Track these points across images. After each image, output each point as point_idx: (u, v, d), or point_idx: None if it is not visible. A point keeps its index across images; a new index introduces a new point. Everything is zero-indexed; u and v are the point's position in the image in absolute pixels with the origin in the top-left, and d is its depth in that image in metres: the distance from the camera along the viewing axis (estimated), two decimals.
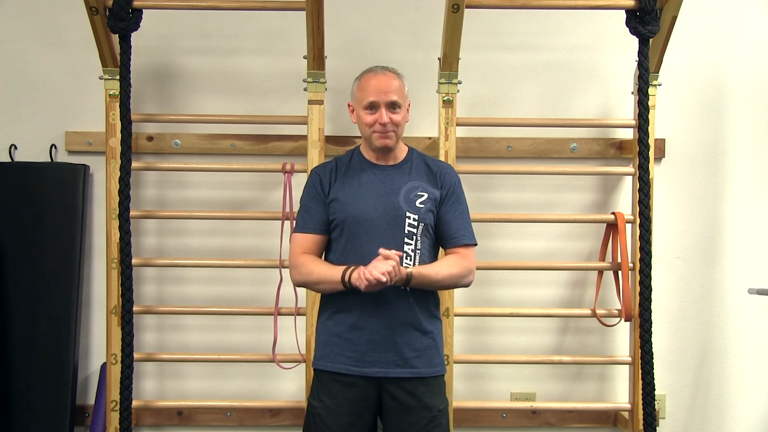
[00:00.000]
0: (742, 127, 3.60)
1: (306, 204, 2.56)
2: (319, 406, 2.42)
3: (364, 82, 2.53)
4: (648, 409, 3.20)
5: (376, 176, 2.53)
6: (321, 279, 2.41)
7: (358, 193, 2.49)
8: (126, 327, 3.17)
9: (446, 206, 2.52)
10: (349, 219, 2.46)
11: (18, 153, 3.52)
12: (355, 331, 2.40)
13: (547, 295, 3.57)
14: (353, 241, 2.45)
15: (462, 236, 2.50)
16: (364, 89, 2.51)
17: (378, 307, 2.40)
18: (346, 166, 2.57)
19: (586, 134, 3.54)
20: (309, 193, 2.57)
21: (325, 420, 2.39)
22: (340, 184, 2.53)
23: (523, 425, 3.53)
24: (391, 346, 2.39)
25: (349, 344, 2.39)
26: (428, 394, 2.43)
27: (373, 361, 2.38)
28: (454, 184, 2.58)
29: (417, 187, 2.51)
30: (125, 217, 3.16)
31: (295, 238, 2.55)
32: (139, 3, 3.09)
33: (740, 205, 3.60)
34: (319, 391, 2.45)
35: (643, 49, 3.17)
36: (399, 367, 2.38)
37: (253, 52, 3.56)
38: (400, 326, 2.41)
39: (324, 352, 2.46)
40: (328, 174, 2.56)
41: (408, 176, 2.53)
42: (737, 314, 3.60)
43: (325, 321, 2.51)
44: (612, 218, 3.38)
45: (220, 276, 3.52)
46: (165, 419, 3.50)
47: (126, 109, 3.15)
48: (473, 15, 3.17)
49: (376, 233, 2.42)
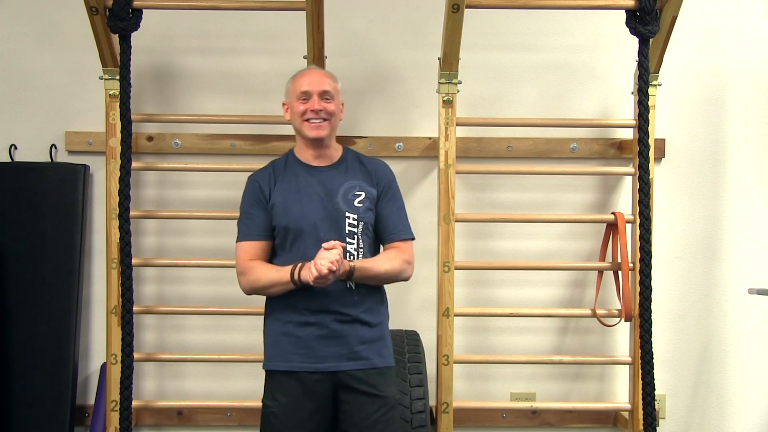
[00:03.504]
0: (742, 127, 3.60)
1: (248, 211, 2.55)
2: (274, 405, 2.42)
3: (298, 77, 2.56)
4: (648, 409, 3.19)
5: (314, 177, 2.53)
6: (270, 282, 2.43)
7: (297, 197, 2.50)
8: (126, 327, 3.17)
9: (383, 203, 2.55)
10: (291, 224, 2.47)
11: (18, 153, 3.52)
12: (304, 327, 2.42)
13: (547, 295, 3.57)
14: (297, 246, 2.47)
15: (400, 231, 2.54)
16: (296, 82, 2.54)
17: (325, 302, 2.43)
18: (282, 170, 2.57)
19: (586, 134, 3.54)
20: (249, 201, 2.56)
21: (280, 418, 2.40)
22: (278, 189, 2.53)
23: (523, 425, 3.53)
24: (341, 340, 2.42)
25: (300, 341, 2.41)
26: (383, 385, 2.46)
27: (325, 356, 2.40)
28: (390, 180, 2.60)
29: (354, 186, 2.52)
30: (125, 217, 3.16)
31: (240, 246, 2.54)
32: (139, 3, 3.09)
33: (740, 205, 3.60)
34: (273, 390, 2.46)
35: (643, 49, 3.17)
36: (351, 360, 2.42)
37: (253, 52, 3.56)
38: (347, 320, 2.44)
39: (275, 352, 2.47)
40: (267, 179, 2.55)
41: (345, 176, 2.55)
42: (737, 314, 3.60)
43: (273, 322, 2.51)
44: (612, 218, 3.38)
45: (220, 276, 3.52)
46: (165, 419, 3.50)
47: (126, 109, 3.15)
48: (473, 15, 3.17)
49: (321, 236, 2.44)
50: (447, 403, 3.26)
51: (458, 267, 3.32)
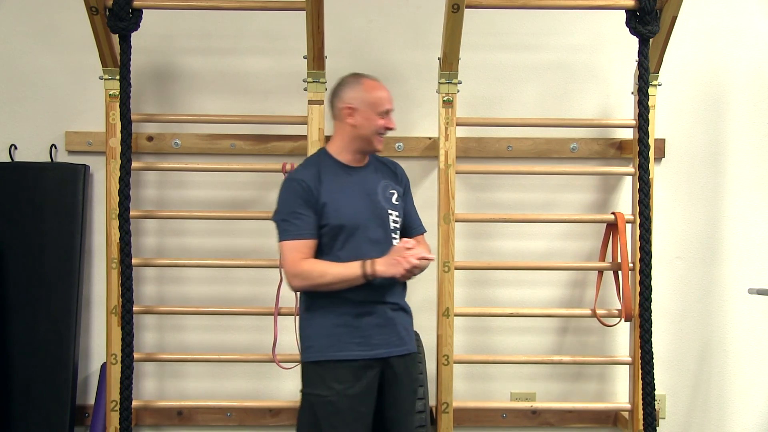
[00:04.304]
0: (742, 127, 3.60)
1: (296, 211, 2.57)
2: (330, 393, 2.51)
3: (377, 91, 2.66)
4: (648, 409, 3.19)
5: (351, 177, 2.64)
6: (338, 278, 2.50)
7: (345, 196, 2.59)
8: (126, 327, 3.17)
9: (406, 200, 2.76)
10: (346, 222, 2.55)
11: (18, 153, 3.52)
12: (363, 317, 2.53)
13: (547, 295, 3.57)
14: (350, 244, 2.56)
15: (419, 225, 2.79)
16: (377, 96, 2.65)
17: (381, 293, 2.57)
18: (324, 169, 2.63)
19: (586, 134, 3.54)
20: (297, 200, 2.58)
21: (338, 405, 2.50)
22: (325, 189, 2.59)
23: (523, 425, 3.53)
24: (392, 327, 2.58)
25: (357, 330, 2.52)
26: (414, 368, 2.70)
27: (379, 343, 2.54)
28: (407, 179, 2.82)
29: (388, 185, 2.69)
30: (125, 217, 3.16)
31: (290, 246, 2.56)
32: (139, 3, 3.09)
33: (740, 205, 3.60)
34: (325, 380, 2.53)
35: (643, 49, 3.17)
36: (398, 346, 2.58)
37: (253, 52, 3.56)
38: (396, 308, 2.61)
39: (330, 342, 2.54)
40: (314, 179, 2.60)
41: (376, 176, 2.69)
42: (737, 314, 3.60)
43: (324, 315, 2.56)
44: (612, 218, 3.38)
45: (220, 276, 3.52)
46: (165, 419, 3.50)
47: (126, 109, 3.15)
48: (473, 15, 3.17)
49: (370, 233, 2.57)
50: (447, 403, 3.27)
51: (458, 267, 3.33)
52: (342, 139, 2.66)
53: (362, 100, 2.63)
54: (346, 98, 2.64)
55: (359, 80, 2.66)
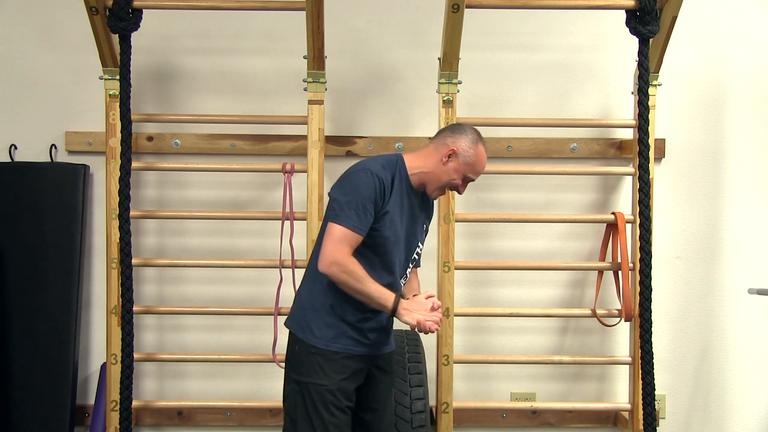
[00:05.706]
0: (742, 127, 3.60)
1: (365, 204, 2.53)
2: (330, 383, 2.53)
3: (480, 161, 2.63)
4: (648, 409, 3.19)
5: (412, 201, 2.63)
6: (368, 295, 2.49)
7: (401, 215, 2.60)
8: (126, 327, 3.17)
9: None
10: (392, 238, 2.57)
11: (18, 153, 3.52)
12: (366, 321, 2.58)
13: (547, 295, 3.58)
14: (387, 258, 2.58)
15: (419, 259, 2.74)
16: (479, 166, 2.63)
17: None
18: (396, 179, 2.62)
19: (586, 134, 3.54)
20: (371, 194, 2.54)
21: (336, 395, 2.53)
22: (392, 199, 2.58)
23: (523, 425, 3.53)
24: (386, 330, 2.65)
25: (358, 331, 2.57)
26: (395, 364, 2.84)
27: (374, 343, 2.60)
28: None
29: (427, 218, 2.72)
30: (125, 217, 3.16)
31: (346, 233, 2.50)
32: (139, 3, 3.09)
33: (740, 205, 3.60)
34: (325, 369, 2.55)
35: (643, 49, 3.17)
36: (386, 344, 2.67)
37: (253, 52, 3.56)
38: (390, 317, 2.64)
39: (335, 334, 2.57)
40: (390, 184, 2.60)
41: (423, 206, 2.69)
42: (737, 314, 3.60)
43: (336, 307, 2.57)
44: (612, 218, 3.38)
45: (220, 276, 3.52)
46: (165, 419, 3.50)
47: (126, 109, 3.15)
48: (473, 15, 3.17)
49: (398, 255, 2.60)
50: (447, 403, 3.27)
51: (458, 267, 3.33)
52: (424, 165, 2.63)
53: (466, 157, 2.61)
54: (459, 144, 2.61)
55: (478, 142, 2.63)
